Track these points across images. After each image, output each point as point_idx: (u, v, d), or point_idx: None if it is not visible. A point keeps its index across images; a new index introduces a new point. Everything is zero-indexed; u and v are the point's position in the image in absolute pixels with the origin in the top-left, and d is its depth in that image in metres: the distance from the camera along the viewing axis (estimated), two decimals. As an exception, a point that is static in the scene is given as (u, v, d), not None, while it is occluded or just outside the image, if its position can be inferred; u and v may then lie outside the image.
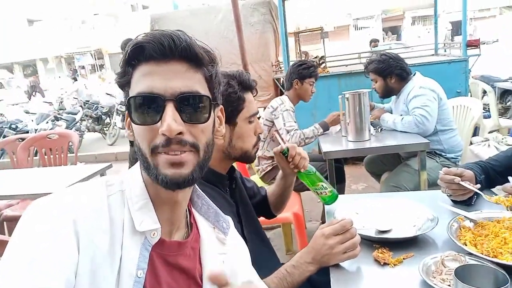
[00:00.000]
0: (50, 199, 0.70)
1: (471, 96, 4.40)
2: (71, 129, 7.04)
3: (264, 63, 5.12)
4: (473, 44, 4.38)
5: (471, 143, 2.72)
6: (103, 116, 8.13)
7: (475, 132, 4.24)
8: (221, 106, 0.85)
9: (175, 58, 0.70)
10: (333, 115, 2.87)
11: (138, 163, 0.78)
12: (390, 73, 2.65)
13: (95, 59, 30.79)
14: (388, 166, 2.94)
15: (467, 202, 1.35)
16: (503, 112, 5.32)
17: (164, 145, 0.69)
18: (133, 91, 0.72)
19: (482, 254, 1.01)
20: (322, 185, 1.45)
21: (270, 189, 1.58)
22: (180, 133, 0.69)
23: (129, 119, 0.74)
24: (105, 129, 8.07)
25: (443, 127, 2.61)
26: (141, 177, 0.76)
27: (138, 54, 0.70)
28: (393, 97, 2.87)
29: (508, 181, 1.28)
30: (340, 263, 1.11)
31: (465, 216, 1.20)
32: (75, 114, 8.05)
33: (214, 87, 0.77)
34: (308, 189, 1.48)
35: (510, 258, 0.98)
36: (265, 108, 3.26)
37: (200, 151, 0.73)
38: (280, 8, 4.75)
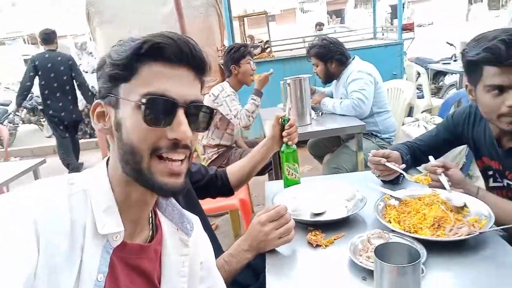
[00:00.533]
0: (11, 198, 0.67)
1: (406, 77, 4.65)
2: (2, 122, 6.50)
3: (209, 48, 5.01)
4: (408, 27, 4.62)
5: (403, 124, 2.88)
6: (38, 107, 7.57)
7: (410, 112, 4.51)
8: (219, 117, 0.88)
9: (186, 65, 0.71)
10: (259, 79, 2.81)
11: (102, 162, 0.76)
12: (331, 58, 2.73)
13: (29, 44, 28.44)
14: (329, 148, 3.05)
15: (394, 181, 1.44)
16: (436, 92, 5.70)
17: (170, 148, 0.70)
18: (140, 90, 0.69)
19: (404, 230, 1.09)
20: (296, 167, 1.52)
21: (237, 164, 1.54)
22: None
23: (103, 109, 0.73)
24: (41, 120, 7.54)
25: (378, 109, 2.74)
26: (107, 177, 0.73)
27: (153, 52, 0.68)
28: (334, 81, 2.95)
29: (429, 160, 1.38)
30: (276, 248, 1.14)
31: (390, 195, 1.28)
32: (7, 105, 7.42)
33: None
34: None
35: (428, 232, 1.07)
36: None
37: (190, 158, 0.76)
38: (223, -10, 4.66)
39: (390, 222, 1.14)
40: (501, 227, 1.08)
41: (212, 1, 5.00)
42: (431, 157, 1.37)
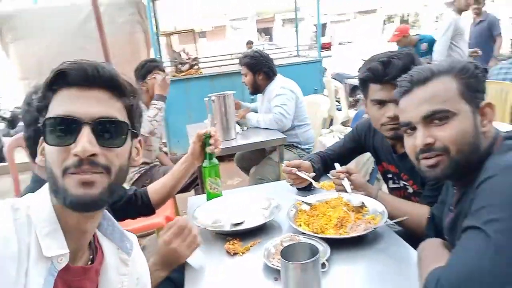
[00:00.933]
0: None
1: (327, 92, 5.00)
2: None
3: (134, 65, 4.93)
4: (326, 46, 5.00)
5: (320, 135, 3.11)
6: None
7: (331, 123, 4.85)
8: (140, 138, 0.88)
9: (97, 87, 0.74)
10: (158, 83, 2.76)
11: (44, 188, 0.79)
12: (259, 70, 2.88)
13: None
14: (255, 160, 3.16)
15: (307, 188, 1.57)
16: (353, 104, 6.19)
17: (76, 165, 0.71)
18: (49, 114, 0.73)
19: (313, 232, 1.20)
20: (218, 182, 1.56)
21: (158, 182, 1.53)
22: (93, 155, 0.72)
23: (43, 145, 0.76)
24: None
25: (299, 123, 2.93)
26: (50, 202, 0.75)
27: (60, 79, 0.73)
28: (259, 95, 3.08)
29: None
30: (196, 259, 1.17)
31: (302, 201, 1.39)
32: None
33: (134, 117, 0.82)
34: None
35: (332, 232, 1.19)
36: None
37: (112, 174, 0.75)
38: (148, 8, 4.64)
39: (301, 226, 1.24)
40: (394, 221, 1.24)
41: (138, 18, 4.93)
42: (337, 164, 1.52)
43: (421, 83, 0.96)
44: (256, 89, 2.99)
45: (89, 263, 0.83)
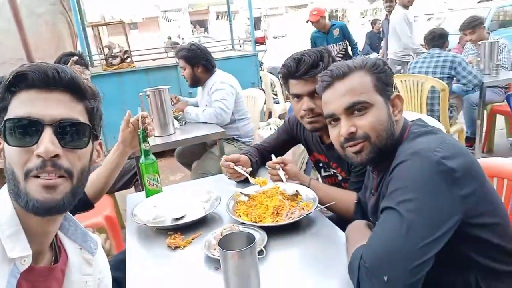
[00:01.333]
0: None
1: (264, 86, 5.11)
2: None
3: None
4: (260, 41, 5.09)
5: (259, 128, 3.20)
6: None
7: (270, 116, 4.98)
8: (100, 140, 0.90)
9: (58, 89, 0.76)
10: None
11: (3, 189, 0.79)
12: (197, 62, 2.85)
13: None
14: (196, 155, 3.16)
15: (247, 180, 1.63)
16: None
17: (39, 167, 0.72)
18: (10, 115, 0.74)
19: (251, 221, 1.25)
20: (157, 178, 1.54)
21: (92, 175, 1.42)
22: (56, 156, 0.73)
23: (1, 146, 0.77)
24: None
25: (240, 117, 2.98)
26: (11, 203, 0.76)
27: (20, 81, 0.74)
28: (199, 89, 3.07)
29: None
30: (137, 254, 1.19)
31: (240, 192, 1.44)
32: None
33: (94, 119, 0.84)
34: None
35: (269, 220, 1.25)
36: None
37: (74, 178, 0.77)
38: (71, -3, 4.36)
39: (240, 216, 1.29)
40: (324, 206, 1.34)
41: (59, 8, 4.60)
42: (273, 156, 1.60)
43: (341, 78, 1.06)
44: (196, 82, 2.96)
45: (53, 263, 0.84)
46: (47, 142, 0.72)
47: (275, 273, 1.04)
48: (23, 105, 0.74)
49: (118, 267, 1.41)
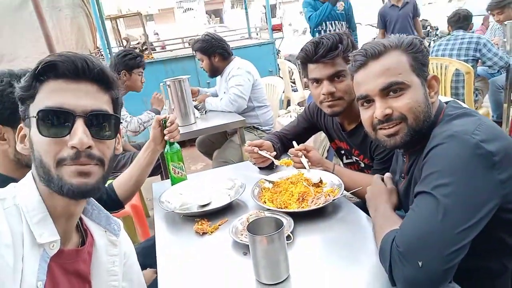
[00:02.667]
0: None
1: (281, 73, 5.08)
2: None
3: (81, 51, 4.68)
4: (277, 28, 5.03)
5: (279, 116, 3.19)
6: None
7: (289, 104, 4.95)
8: (121, 127, 0.92)
9: (86, 79, 0.77)
10: (154, 98, 2.98)
11: (27, 176, 0.81)
12: (213, 52, 2.85)
13: None
14: (217, 144, 3.19)
15: (269, 167, 1.63)
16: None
17: (73, 158, 0.74)
18: (39, 105, 0.75)
19: (276, 207, 1.26)
20: (181, 166, 1.57)
21: (123, 175, 1.50)
22: (89, 147, 0.75)
23: (23, 132, 0.80)
24: None
25: (258, 104, 2.97)
26: (37, 191, 0.78)
27: (49, 70, 0.75)
28: (218, 77, 3.08)
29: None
30: (166, 240, 1.22)
31: (265, 179, 1.45)
32: None
33: (117, 108, 0.86)
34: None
35: (295, 206, 1.26)
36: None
37: (105, 165, 0.80)
38: (90, -10, 4.40)
39: (265, 202, 1.30)
40: (350, 192, 1.34)
41: (78, 1, 4.67)
42: (294, 143, 1.59)
43: (375, 57, 1.02)
44: (215, 71, 2.97)
45: (80, 245, 0.88)
46: (81, 133, 0.74)
47: (302, 258, 1.04)
48: (52, 95, 0.76)
49: (145, 253, 1.45)
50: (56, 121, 0.75)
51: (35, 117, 0.75)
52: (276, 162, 1.54)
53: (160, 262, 1.12)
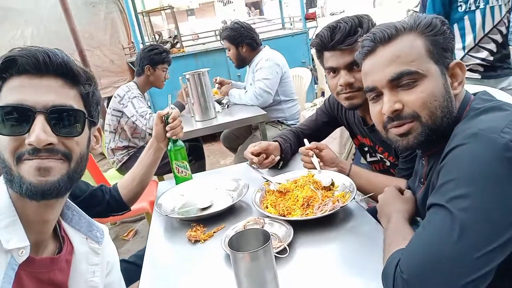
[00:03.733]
0: None
1: (315, 65, 4.85)
2: None
3: (115, 46, 4.77)
4: (311, 17, 4.81)
5: (305, 109, 3.01)
6: None
7: (323, 95, 4.74)
8: (98, 126, 0.87)
9: (49, 74, 0.72)
10: (181, 92, 2.88)
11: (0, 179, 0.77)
12: (241, 42, 2.72)
13: None
14: (241, 139, 3.08)
15: (275, 167, 1.50)
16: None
17: (31, 153, 0.70)
18: (0, 102, 0.72)
19: (278, 214, 1.12)
20: (185, 165, 1.48)
21: (127, 175, 1.43)
22: (50, 144, 0.71)
23: None
24: None
25: (285, 98, 2.82)
26: (7, 193, 0.74)
27: (9, 67, 0.71)
28: (247, 68, 2.96)
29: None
30: (158, 245, 1.13)
31: (270, 181, 1.31)
32: None
33: (91, 105, 0.80)
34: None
35: (299, 212, 1.11)
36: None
37: (72, 162, 0.75)
38: (124, -15, 4.44)
39: (267, 208, 1.17)
40: (365, 196, 1.17)
41: (112, -4, 4.74)
42: (305, 140, 1.43)
43: (385, 42, 0.86)
44: (242, 62, 2.84)
45: (57, 253, 0.82)
46: (39, 130, 0.70)
47: (299, 275, 0.91)
48: (13, 92, 0.71)
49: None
50: (15, 118, 0.70)
51: None
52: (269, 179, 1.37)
53: (144, 271, 1.03)
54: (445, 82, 0.84)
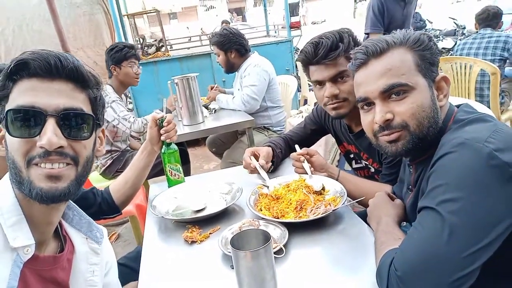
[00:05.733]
0: None
1: (298, 73, 4.95)
2: None
3: (99, 48, 4.70)
4: (295, 26, 4.92)
5: (290, 116, 3.08)
6: None
7: (305, 104, 4.83)
8: (102, 127, 0.89)
9: (60, 78, 0.74)
10: (170, 99, 2.87)
11: (5, 177, 0.78)
12: (230, 47, 2.75)
13: None
14: (227, 144, 3.11)
15: (268, 171, 1.55)
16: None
17: (42, 155, 0.71)
18: (12, 105, 0.72)
19: (273, 216, 1.17)
20: (178, 168, 1.50)
21: (119, 178, 1.42)
22: (61, 147, 0.72)
23: (1, 133, 0.76)
24: None
25: (272, 104, 2.87)
26: (13, 192, 0.75)
27: (21, 69, 0.72)
28: (236, 74, 2.98)
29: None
30: (154, 246, 1.15)
31: (263, 185, 1.36)
32: None
33: (97, 109, 0.83)
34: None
35: (292, 215, 1.16)
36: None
37: (79, 166, 0.77)
38: (108, -13, 4.42)
39: (261, 210, 1.21)
40: (355, 201, 1.23)
41: (97, -2, 4.69)
42: (297, 146, 1.49)
43: (377, 55, 0.92)
44: (231, 67, 2.87)
45: (58, 252, 0.84)
46: (50, 133, 0.72)
47: (295, 275, 0.95)
48: (25, 95, 0.73)
49: (139, 258, 1.39)
50: (26, 120, 0.72)
51: (5, 117, 0.73)
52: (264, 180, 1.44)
53: (142, 272, 1.04)
54: (432, 94, 0.91)
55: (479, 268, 0.71)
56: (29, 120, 0.72)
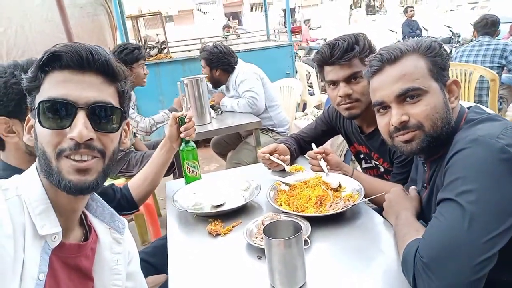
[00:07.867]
0: None
1: (299, 76, 5.03)
2: None
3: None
4: (296, 30, 5.00)
5: (295, 118, 3.14)
6: None
7: (304, 107, 4.90)
8: (128, 119, 0.90)
9: (91, 71, 0.75)
10: (179, 99, 2.90)
11: (32, 167, 0.80)
12: (216, 66, 2.80)
13: None
14: (232, 145, 3.16)
15: (284, 169, 1.59)
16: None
17: (72, 148, 0.72)
18: (43, 96, 0.74)
19: (293, 210, 1.22)
20: (196, 165, 1.54)
21: (138, 175, 1.45)
22: (90, 139, 0.74)
23: (30, 123, 0.79)
24: None
25: (270, 103, 2.93)
26: (40, 182, 0.77)
27: (53, 61, 0.73)
28: (225, 89, 3.03)
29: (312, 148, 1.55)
30: (178, 240, 1.19)
31: (281, 181, 1.41)
32: None
33: (124, 101, 0.84)
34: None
35: (312, 210, 1.21)
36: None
37: (106, 158, 0.78)
38: (112, -11, 4.45)
39: (281, 205, 1.26)
40: (368, 199, 1.28)
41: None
42: (313, 145, 1.55)
43: (392, 62, 0.99)
44: (216, 83, 2.94)
45: (82, 241, 0.86)
46: (81, 125, 0.72)
47: (319, 265, 1.00)
48: (56, 87, 0.74)
49: (156, 253, 1.42)
50: (58, 112, 0.73)
51: (37, 108, 0.74)
52: (287, 168, 1.50)
53: (171, 264, 1.08)
54: (444, 97, 0.98)
55: (497, 253, 0.76)
56: (60, 112, 0.73)
